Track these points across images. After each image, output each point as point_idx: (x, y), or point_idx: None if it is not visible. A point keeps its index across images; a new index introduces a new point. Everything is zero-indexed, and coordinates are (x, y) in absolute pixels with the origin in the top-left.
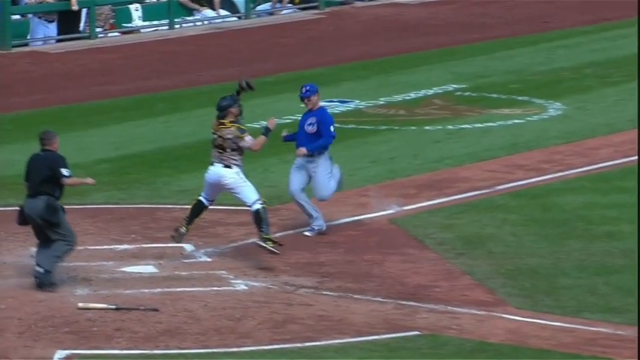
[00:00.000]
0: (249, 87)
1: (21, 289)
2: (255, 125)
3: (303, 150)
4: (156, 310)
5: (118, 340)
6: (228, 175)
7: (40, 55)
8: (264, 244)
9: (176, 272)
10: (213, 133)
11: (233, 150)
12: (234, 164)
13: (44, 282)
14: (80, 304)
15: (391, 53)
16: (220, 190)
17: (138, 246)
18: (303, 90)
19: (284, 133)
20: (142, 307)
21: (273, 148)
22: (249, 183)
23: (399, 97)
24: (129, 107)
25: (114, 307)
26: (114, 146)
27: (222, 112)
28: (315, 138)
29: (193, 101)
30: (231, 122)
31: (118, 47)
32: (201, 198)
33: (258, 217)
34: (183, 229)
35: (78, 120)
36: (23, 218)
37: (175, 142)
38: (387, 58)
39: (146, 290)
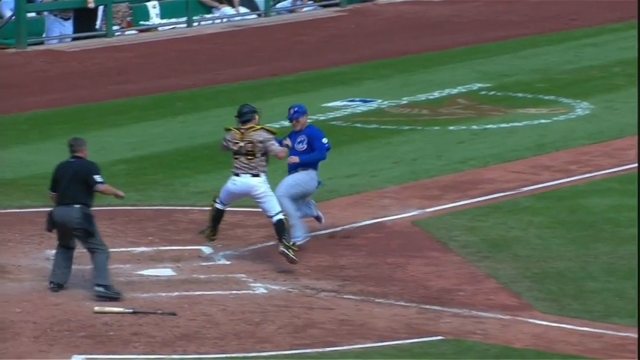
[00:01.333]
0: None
1: (36, 292)
2: (275, 125)
3: (295, 158)
4: (173, 314)
5: (135, 344)
6: (259, 184)
7: (55, 54)
8: (287, 251)
9: (194, 275)
10: (238, 142)
11: (262, 155)
12: (263, 172)
13: (111, 296)
14: (96, 308)
15: (414, 51)
16: (241, 198)
17: (155, 248)
18: (292, 111)
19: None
20: (159, 311)
21: None
22: (272, 192)
23: (422, 97)
24: (146, 107)
25: (131, 310)
26: (131, 147)
27: (247, 116)
28: (308, 153)
29: (212, 100)
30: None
31: (135, 46)
32: (217, 206)
33: (281, 228)
34: (214, 237)
35: (94, 120)
36: (53, 225)
37: (193, 143)
38: (410, 57)
39: (163, 294)
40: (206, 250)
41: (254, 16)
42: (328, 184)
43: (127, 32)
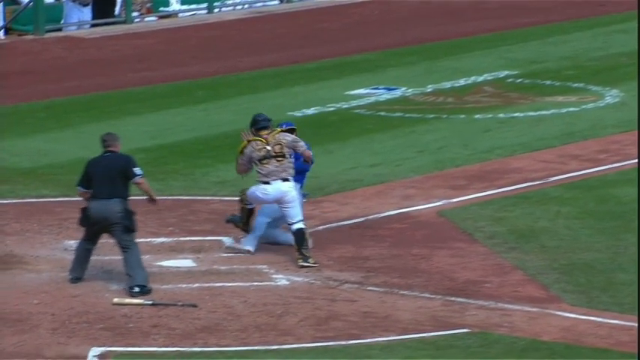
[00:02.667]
0: None
1: (54, 283)
2: (298, 114)
3: (309, 152)
4: (194, 305)
5: (155, 337)
6: (290, 190)
7: (74, 41)
8: (307, 264)
9: (215, 267)
10: (264, 147)
11: (290, 156)
12: (292, 175)
13: (146, 292)
14: (115, 300)
15: (440, 38)
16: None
17: (175, 239)
18: (283, 127)
19: None
20: (179, 303)
21: (316, 138)
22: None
23: (447, 84)
24: (166, 95)
25: (150, 302)
26: (150, 135)
27: (265, 123)
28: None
29: (234, 88)
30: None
31: (155, 32)
32: (250, 207)
33: (301, 237)
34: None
35: (113, 108)
36: (89, 220)
37: (214, 131)
38: (436, 44)
39: (184, 285)
40: (227, 240)
41: (276, 1)
42: (351, 173)
43: (146, 18)
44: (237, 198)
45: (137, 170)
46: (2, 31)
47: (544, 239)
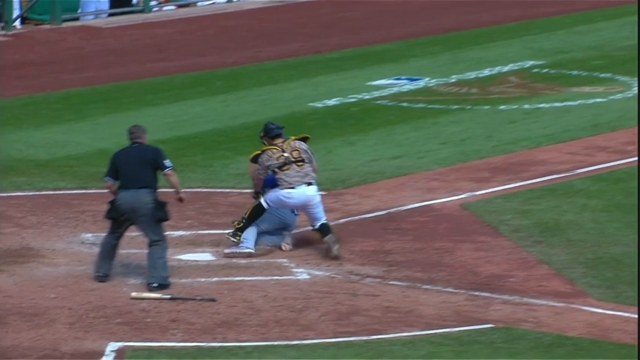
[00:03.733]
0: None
1: (71, 277)
2: (319, 105)
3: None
4: (213, 300)
5: (174, 331)
6: (315, 193)
7: (91, 31)
8: (337, 252)
9: (234, 260)
10: (282, 154)
11: (310, 162)
12: (314, 179)
13: (165, 287)
14: (133, 294)
15: (464, 28)
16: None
17: (194, 232)
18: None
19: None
20: (198, 297)
21: (338, 129)
22: None
23: (471, 75)
24: (185, 85)
25: (169, 297)
26: (169, 127)
27: (278, 131)
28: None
29: (253, 79)
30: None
31: (174, 22)
32: (264, 204)
33: (328, 228)
34: (235, 239)
35: (131, 99)
36: (118, 211)
37: (234, 123)
38: (460, 33)
39: (203, 279)
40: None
41: None
42: (373, 165)
43: (165, 8)
44: (249, 190)
45: (167, 162)
46: (19, 20)
47: (570, 233)
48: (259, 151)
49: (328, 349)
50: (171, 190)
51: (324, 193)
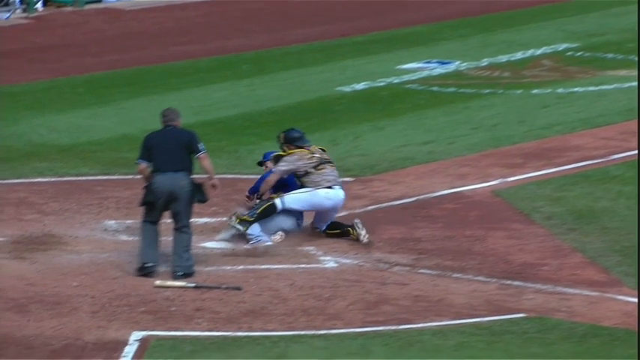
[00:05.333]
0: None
1: (94, 265)
2: (347, 89)
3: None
4: (238, 288)
5: (198, 320)
6: (344, 197)
7: (114, 13)
8: (368, 239)
9: (260, 248)
10: (314, 154)
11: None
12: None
13: (189, 275)
14: (157, 282)
15: (495, 9)
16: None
17: (219, 219)
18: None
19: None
20: (223, 286)
21: (366, 114)
22: None
23: (503, 58)
24: (210, 69)
25: (193, 285)
26: (193, 111)
27: (307, 137)
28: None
29: (279, 62)
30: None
31: (199, 4)
32: (278, 204)
33: (338, 222)
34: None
35: (155, 83)
36: (154, 194)
37: (260, 107)
38: (491, 15)
39: (228, 267)
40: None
41: None
42: (402, 151)
43: None
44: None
45: (201, 146)
46: (41, 2)
47: (605, 220)
48: (283, 153)
49: (356, 339)
50: (202, 176)
51: (351, 179)
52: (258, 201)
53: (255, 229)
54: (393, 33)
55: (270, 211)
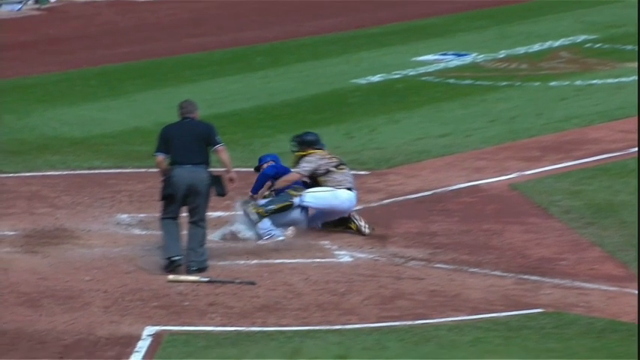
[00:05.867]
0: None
1: (107, 259)
2: (362, 81)
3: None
4: (252, 283)
5: (212, 315)
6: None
7: (127, 4)
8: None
9: (274, 242)
10: (332, 156)
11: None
12: None
13: (203, 270)
14: (170, 277)
15: (513, 1)
16: None
17: (233, 213)
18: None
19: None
20: (237, 281)
21: (382, 107)
22: None
23: (521, 50)
24: (224, 61)
25: (207, 279)
26: (207, 104)
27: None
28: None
29: (294, 55)
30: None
31: None
32: (296, 201)
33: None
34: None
35: (168, 75)
36: (174, 187)
37: (274, 100)
38: (509, 7)
39: (242, 262)
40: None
41: None
42: (418, 144)
43: None
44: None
45: (219, 138)
46: None
47: (624, 214)
48: (303, 154)
49: (371, 334)
50: (219, 169)
51: (367, 172)
52: (269, 194)
53: (266, 224)
54: (409, 24)
55: (287, 209)
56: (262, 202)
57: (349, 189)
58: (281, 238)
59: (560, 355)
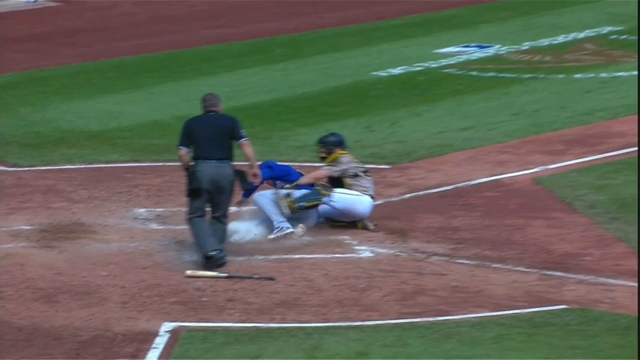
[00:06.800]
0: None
1: (124, 254)
2: (383, 74)
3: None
4: (272, 279)
5: (230, 311)
6: None
7: None
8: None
9: (292, 238)
10: (357, 161)
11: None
12: None
13: (223, 263)
14: (188, 272)
15: None
16: None
17: (252, 208)
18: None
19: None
20: (256, 276)
21: (403, 100)
22: None
23: (545, 42)
24: (242, 53)
25: (225, 275)
26: (226, 96)
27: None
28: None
29: (314, 46)
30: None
31: None
32: (324, 199)
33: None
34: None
35: (186, 67)
36: (199, 182)
37: (294, 92)
38: None
39: (260, 257)
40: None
41: None
42: (440, 137)
43: None
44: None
45: (243, 132)
46: None
47: None
48: (334, 156)
49: (392, 331)
50: (243, 163)
51: (388, 166)
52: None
53: (280, 216)
54: (431, 16)
55: (315, 207)
56: (296, 195)
57: (372, 197)
58: (290, 230)
59: (585, 352)
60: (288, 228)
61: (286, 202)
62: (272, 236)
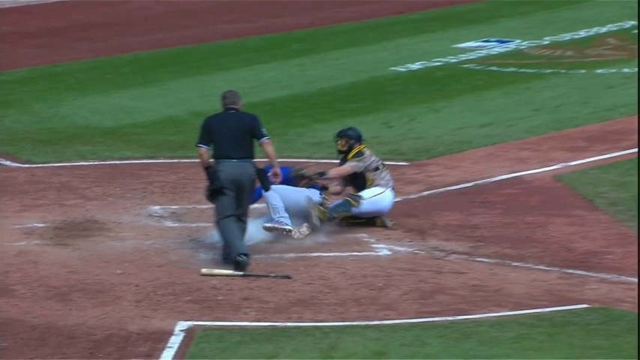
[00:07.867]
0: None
1: (138, 252)
2: (401, 69)
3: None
4: (288, 277)
5: (246, 310)
6: None
7: None
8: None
9: (311, 235)
10: (372, 156)
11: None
12: None
13: (248, 263)
14: (204, 270)
15: None
16: None
17: (264, 205)
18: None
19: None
20: (272, 274)
21: (422, 95)
22: None
23: (566, 36)
24: (259, 48)
25: (241, 273)
26: (242, 92)
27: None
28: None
29: (331, 41)
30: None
31: None
32: (354, 210)
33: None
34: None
35: (202, 62)
36: (221, 182)
37: (310, 88)
38: None
39: (277, 255)
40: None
41: None
42: (459, 134)
43: None
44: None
45: (264, 130)
46: None
47: None
48: (355, 150)
49: (410, 330)
50: (262, 160)
51: (406, 163)
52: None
53: (281, 212)
54: (450, 10)
55: (347, 211)
56: (328, 205)
57: (392, 189)
58: (289, 228)
59: (607, 352)
60: (287, 225)
61: (318, 211)
62: (268, 224)
